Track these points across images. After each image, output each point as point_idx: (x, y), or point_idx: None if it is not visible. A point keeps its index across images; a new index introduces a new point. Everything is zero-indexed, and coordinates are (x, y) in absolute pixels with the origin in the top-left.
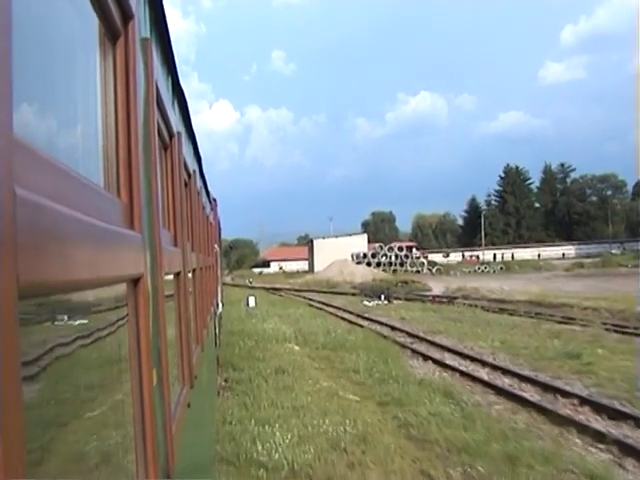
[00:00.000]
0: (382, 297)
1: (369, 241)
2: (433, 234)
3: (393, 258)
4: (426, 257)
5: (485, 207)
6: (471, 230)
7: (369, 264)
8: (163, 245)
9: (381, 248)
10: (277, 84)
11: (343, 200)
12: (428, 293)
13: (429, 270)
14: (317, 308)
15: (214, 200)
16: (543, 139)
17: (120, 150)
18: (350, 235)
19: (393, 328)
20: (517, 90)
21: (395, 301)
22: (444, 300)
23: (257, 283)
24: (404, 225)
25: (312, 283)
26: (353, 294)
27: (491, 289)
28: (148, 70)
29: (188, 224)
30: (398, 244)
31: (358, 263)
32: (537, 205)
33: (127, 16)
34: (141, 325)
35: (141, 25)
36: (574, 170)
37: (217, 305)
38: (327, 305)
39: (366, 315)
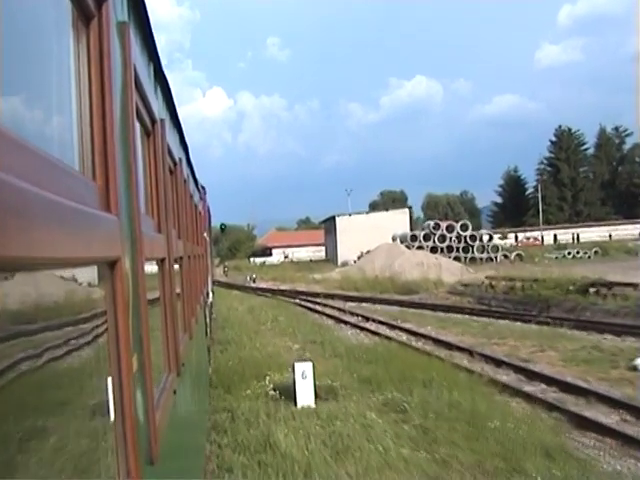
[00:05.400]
0: None
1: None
2: (448, 214)
3: (454, 241)
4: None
5: (535, 179)
6: (512, 207)
7: (420, 248)
8: (144, 230)
9: (437, 227)
10: (271, 70)
11: (338, 185)
12: None
13: (504, 257)
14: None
15: (203, 188)
16: (537, 122)
17: (95, 133)
18: (387, 210)
19: None
20: (513, 73)
21: None
22: None
23: (262, 281)
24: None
25: (361, 282)
26: (484, 314)
27: None
28: (125, 54)
29: (173, 211)
30: (451, 223)
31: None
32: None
33: None
34: (119, 308)
35: (118, 9)
36: (630, 134)
37: (207, 295)
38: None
39: None
